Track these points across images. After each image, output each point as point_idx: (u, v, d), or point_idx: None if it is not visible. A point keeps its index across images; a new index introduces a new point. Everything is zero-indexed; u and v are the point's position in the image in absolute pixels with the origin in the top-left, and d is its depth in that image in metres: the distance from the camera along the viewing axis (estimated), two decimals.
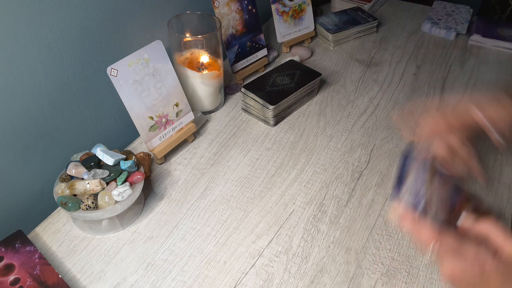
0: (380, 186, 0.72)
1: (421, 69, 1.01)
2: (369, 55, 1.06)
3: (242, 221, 0.67)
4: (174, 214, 0.68)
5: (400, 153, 0.52)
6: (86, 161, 0.62)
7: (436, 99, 0.78)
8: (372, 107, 0.89)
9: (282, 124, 0.85)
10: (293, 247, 0.63)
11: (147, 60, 0.69)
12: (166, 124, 0.74)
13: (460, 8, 1.20)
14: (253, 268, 0.60)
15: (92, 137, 0.77)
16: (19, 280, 0.54)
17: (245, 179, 0.73)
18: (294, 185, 0.72)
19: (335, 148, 0.79)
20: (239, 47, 0.92)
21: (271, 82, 0.85)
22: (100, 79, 0.74)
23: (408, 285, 0.58)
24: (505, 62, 1.03)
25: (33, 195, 0.70)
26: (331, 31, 1.06)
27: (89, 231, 0.64)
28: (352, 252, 0.62)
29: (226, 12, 0.87)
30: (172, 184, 0.72)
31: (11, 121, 0.61)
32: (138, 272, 0.60)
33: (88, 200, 0.59)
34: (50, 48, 0.63)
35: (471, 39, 1.10)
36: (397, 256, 0.62)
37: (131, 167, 0.63)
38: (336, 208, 0.69)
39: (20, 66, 0.60)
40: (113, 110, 0.79)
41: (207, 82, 0.81)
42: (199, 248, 0.63)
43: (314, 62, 1.02)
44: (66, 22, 0.64)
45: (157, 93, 0.72)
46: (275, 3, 0.98)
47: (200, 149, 0.79)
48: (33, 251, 0.58)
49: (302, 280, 0.59)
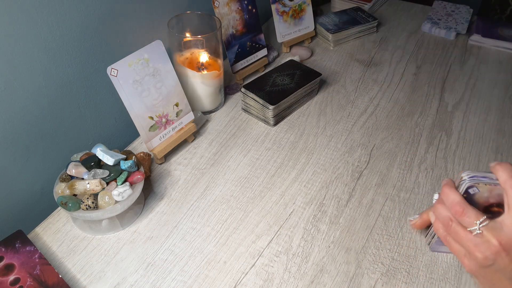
0: (380, 186, 0.72)
1: (421, 69, 1.01)
2: (369, 55, 1.06)
3: (242, 221, 0.67)
4: (174, 214, 0.68)
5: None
6: (86, 161, 0.62)
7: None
8: (372, 107, 0.89)
9: (282, 124, 0.85)
10: (293, 247, 0.63)
11: (147, 60, 0.69)
12: (166, 124, 0.74)
13: (460, 8, 1.20)
14: (253, 268, 0.60)
15: (92, 137, 0.77)
16: (19, 280, 0.55)
17: (245, 179, 0.73)
18: (294, 185, 0.72)
19: (335, 148, 0.79)
20: (239, 47, 0.92)
21: (271, 82, 0.85)
22: (100, 79, 0.74)
23: (408, 285, 0.58)
24: (505, 62, 1.03)
25: (33, 195, 0.70)
26: (331, 31, 1.06)
27: (89, 231, 0.64)
28: (352, 252, 0.62)
29: (226, 12, 0.87)
30: (172, 184, 0.72)
31: (11, 121, 0.61)
32: (138, 272, 0.60)
33: (88, 200, 0.59)
34: (50, 48, 0.63)
35: (471, 39, 1.10)
36: (397, 256, 0.62)
37: (131, 167, 0.63)
38: (336, 208, 0.69)
39: (20, 66, 0.60)
40: (113, 110, 0.79)
41: (207, 82, 0.81)
42: (199, 248, 0.63)
43: (314, 62, 1.02)
44: (66, 22, 0.64)
45: (157, 93, 0.72)
46: (275, 3, 0.98)
47: (200, 149, 0.79)
48: (33, 251, 0.58)
49: (302, 280, 0.59)
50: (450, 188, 0.51)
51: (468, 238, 0.48)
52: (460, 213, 0.49)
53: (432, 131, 0.83)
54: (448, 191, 0.51)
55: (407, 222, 0.66)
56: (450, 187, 0.51)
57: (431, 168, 0.75)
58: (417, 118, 0.87)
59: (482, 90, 0.94)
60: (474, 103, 0.91)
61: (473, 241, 0.48)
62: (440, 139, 0.82)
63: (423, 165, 0.76)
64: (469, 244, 0.48)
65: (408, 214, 0.68)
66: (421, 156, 0.78)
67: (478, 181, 0.51)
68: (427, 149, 0.79)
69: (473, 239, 0.48)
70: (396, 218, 0.67)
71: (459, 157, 0.78)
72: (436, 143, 0.81)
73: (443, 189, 0.52)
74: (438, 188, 0.72)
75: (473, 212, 0.48)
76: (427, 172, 0.75)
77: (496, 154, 0.78)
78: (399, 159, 0.77)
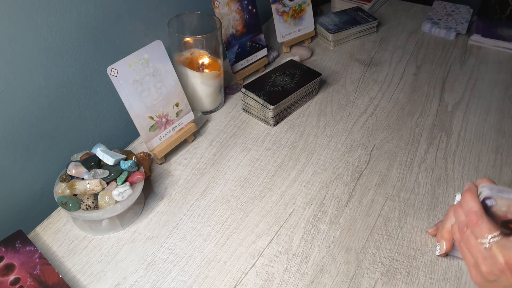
0: (380, 186, 0.72)
1: (421, 69, 1.01)
2: (369, 55, 1.06)
3: (242, 221, 0.67)
4: (174, 214, 0.68)
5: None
6: (86, 161, 0.62)
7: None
8: (372, 107, 0.89)
9: (282, 124, 0.85)
10: (293, 247, 0.63)
11: (147, 60, 0.69)
12: (166, 124, 0.74)
13: (460, 8, 1.20)
14: (253, 268, 0.60)
15: (92, 137, 0.77)
16: (19, 280, 0.55)
17: (245, 179, 0.73)
18: (294, 185, 0.72)
19: (335, 148, 0.79)
20: (239, 47, 0.92)
21: (271, 82, 0.85)
22: (100, 79, 0.74)
23: (408, 285, 0.58)
24: (505, 62, 1.03)
25: (33, 195, 0.70)
26: (331, 31, 1.06)
27: (89, 231, 0.64)
28: (352, 252, 0.62)
29: (226, 12, 0.87)
30: (172, 184, 0.72)
31: (11, 121, 0.61)
32: (138, 272, 0.60)
33: (88, 200, 0.59)
34: (50, 48, 0.63)
35: (471, 39, 1.10)
36: (397, 256, 0.62)
37: (131, 167, 0.63)
38: (336, 208, 0.69)
39: (20, 66, 0.60)
40: (113, 110, 0.79)
41: (207, 82, 0.81)
42: (199, 248, 0.63)
43: (314, 62, 1.02)
44: (66, 22, 0.64)
45: (157, 93, 0.72)
46: (275, 3, 0.98)
47: (200, 149, 0.79)
48: (33, 251, 0.58)
49: (302, 280, 0.59)
50: (472, 195, 0.51)
51: (478, 249, 0.49)
52: (474, 222, 0.49)
53: (432, 131, 0.83)
54: (468, 197, 0.51)
55: (407, 222, 0.66)
56: (472, 193, 0.51)
57: (431, 168, 0.75)
58: (417, 118, 0.87)
59: (482, 90, 0.94)
60: (474, 103, 0.91)
61: (482, 253, 0.48)
62: (440, 139, 0.82)
63: (423, 165, 0.76)
64: (478, 255, 0.49)
65: (408, 214, 0.68)
66: (421, 156, 0.78)
67: (497, 195, 0.50)
68: (427, 149, 0.79)
69: (482, 252, 0.48)
70: (396, 218, 0.67)
71: (459, 157, 0.78)
72: (436, 143, 0.81)
73: (464, 194, 0.52)
74: (438, 188, 0.72)
75: (487, 224, 0.48)
76: (427, 172, 0.75)
77: (496, 154, 0.78)
78: (399, 159, 0.77)
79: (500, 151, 0.79)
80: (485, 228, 0.48)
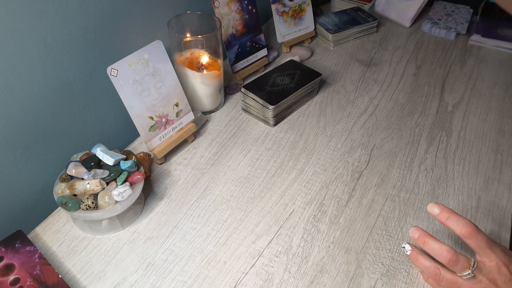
0: (380, 186, 0.72)
1: (421, 69, 1.01)
2: (369, 55, 1.06)
3: (242, 221, 0.67)
4: (174, 214, 0.68)
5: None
6: (86, 161, 0.61)
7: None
8: (372, 107, 0.89)
9: (282, 124, 0.85)
10: (293, 247, 0.63)
11: (147, 60, 0.69)
12: (166, 124, 0.74)
13: (460, 8, 1.20)
14: (253, 268, 0.60)
15: (92, 137, 0.77)
16: (19, 280, 0.55)
17: (245, 179, 0.73)
18: (294, 185, 0.72)
19: (335, 148, 0.79)
20: (239, 47, 0.92)
21: (271, 82, 0.85)
22: (100, 79, 0.74)
23: (408, 285, 0.58)
24: (505, 62, 1.03)
25: (33, 195, 0.70)
26: (331, 31, 1.06)
27: (89, 231, 0.64)
28: (352, 252, 0.62)
29: (226, 12, 0.87)
30: (172, 184, 0.72)
31: (11, 121, 0.61)
32: (138, 272, 0.60)
33: (88, 200, 0.59)
34: (50, 48, 0.63)
35: (471, 39, 1.10)
36: (397, 256, 0.62)
37: (131, 167, 0.63)
38: (336, 208, 0.69)
39: (20, 66, 0.60)
40: (113, 110, 0.79)
41: (207, 82, 0.81)
42: (199, 248, 0.63)
43: (314, 62, 1.02)
44: (66, 22, 0.64)
45: (157, 93, 0.72)
46: (275, 3, 0.98)
47: (200, 149, 0.79)
48: (33, 251, 0.58)
49: (302, 280, 0.59)
50: (431, 237, 0.53)
51: (462, 283, 0.51)
52: (454, 260, 0.51)
53: (432, 131, 0.83)
54: (431, 241, 0.53)
55: (407, 222, 0.66)
56: (431, 238, 0.53)
57: (431, 168, 0.75)
58: (417, 118, 0.87)
59: (482, 90, 0.94)
60: (474, 103, 0.91)
61: (467, 284, 0.51)
62: (440, 139, 0.82)
63: (423, 165, 0.76)
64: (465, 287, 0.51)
65: (408, 214, 0.68)
66: (421, 156, 0.78)
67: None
68: (427, 149, 0.79)
69: (467, 282, 0.51)
70: (396, 218, 0.67)
71: (459, 157, 0.78)
72: (436, 143, 0.81)
73: (425, 241, 0.54)
74: (438, 188, 0.72)
75: (463, 257, 0.51)
76: (427, 172, 0.75)
77: (496, 154, 0.78)
78: (399, 159, 0.77)
79: (500, 151, 0.79)
80: (464, 261, 0.51)
